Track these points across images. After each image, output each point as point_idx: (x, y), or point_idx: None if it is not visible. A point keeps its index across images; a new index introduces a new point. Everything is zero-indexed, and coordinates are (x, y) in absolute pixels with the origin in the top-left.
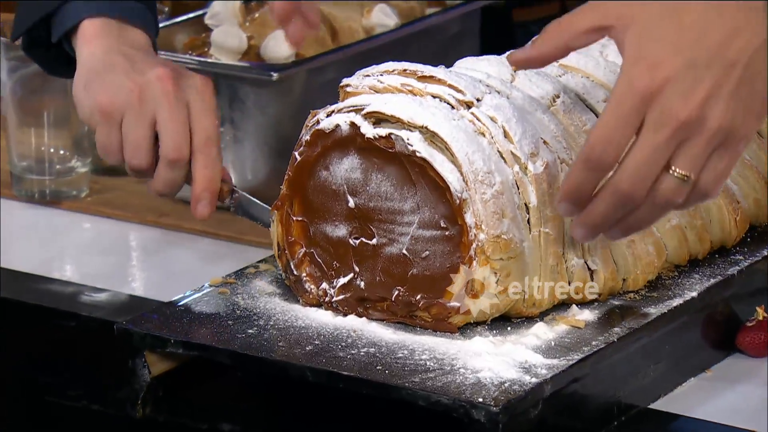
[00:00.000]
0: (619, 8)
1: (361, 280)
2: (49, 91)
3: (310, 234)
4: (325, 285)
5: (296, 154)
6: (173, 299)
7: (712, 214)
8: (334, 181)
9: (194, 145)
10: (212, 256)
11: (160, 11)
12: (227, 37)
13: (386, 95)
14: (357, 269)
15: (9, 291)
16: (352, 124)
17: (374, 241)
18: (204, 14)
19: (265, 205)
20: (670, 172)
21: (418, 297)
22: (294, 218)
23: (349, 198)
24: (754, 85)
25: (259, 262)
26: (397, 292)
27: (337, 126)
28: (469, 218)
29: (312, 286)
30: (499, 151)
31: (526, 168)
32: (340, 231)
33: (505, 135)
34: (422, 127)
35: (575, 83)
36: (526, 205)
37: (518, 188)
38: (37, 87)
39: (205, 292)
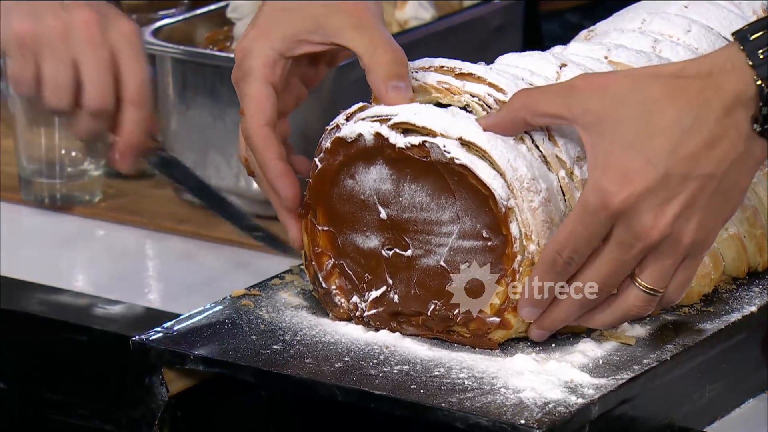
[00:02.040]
0: (587, 103)
1: (395, 293)
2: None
3: (338, 244)
4: (356, 298)
5: (317, 160)
6: (192, 312)
7: None
8: (362, 191)
9: (123, 95)
10: (234, 266)
11: (179, 3)
12: None
13: (413, 105)
14: (390, 282)
15: (17, 302)
16: (378, 135)
17: (409, 252)
18: (226, 7)
19: (193, 171)
20: (637, 284)
21: (456, 312)
22: (319, 228)
23: (381, 209)
24: (727, 196)
25: (284, 272)
26: (433, 306)
27: (360, 135)
28: (514, 228)
29: (342, 300)
30: (543, 155)
31: (572, 173)
32: (372, 242)
33: (550, 138)
34: (458, 138)
35: None
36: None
37: (564, 194)
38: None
39: (226, 304)
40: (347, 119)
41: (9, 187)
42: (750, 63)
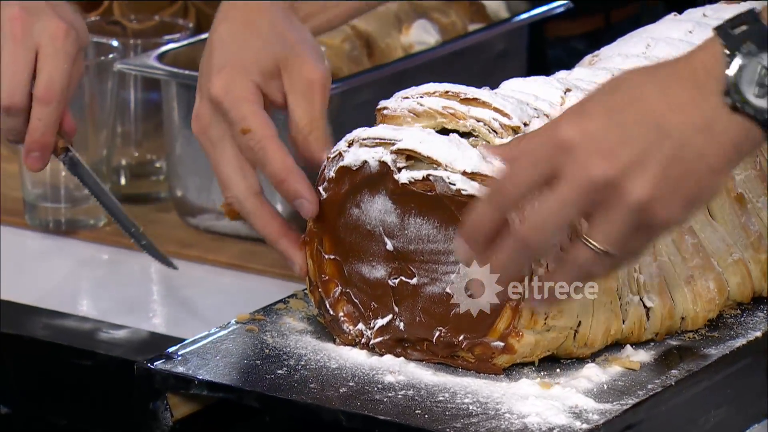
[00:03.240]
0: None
1: (401, 320)
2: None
3: (345, 273)
4: (361, 326)
5: (321, 190)
6: (197, 337)
7: None
8: (368, 221)
9: (33, 92)
10: (239, 291)
11: (183, 28)
12: None
13: (413, 130)
14: (396, 309)
15: (22, 327)
16: (382, 164)
17: (414, 280)
18: None
19: (94, 175)
20: (584, 240)
21: (461, 338)
22: (326, 256)
23: (387, 240)
24: (689, 167)
25: (288, 297)
26: (438, 333)
27: (365, 163)
28: None
29: (350, 327)
30: None
31: None
32: (378, 272)
33: None
34: (462, 171)
35: None
36: None
37: None
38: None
39: (231, 329)
40: (349, 146)
41: (13, 212)
42: (723, 42)
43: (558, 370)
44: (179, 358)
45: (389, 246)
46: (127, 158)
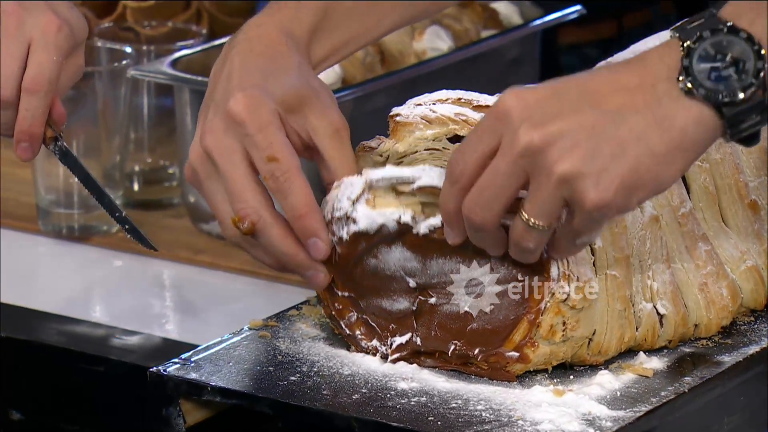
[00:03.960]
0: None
1: (417, 336)
2: (78, 119)
3: (360, 306)
4: (376, 342)
5: (335, 245)
6: (210, 343)
7: None
8: (387, 268)
9: (22, 83)
10: (252, 297)
11: (197, 34)
12: None
13: (431, 168)
14: (414, 326)
15: (34, 333)
16: (402, 224)
17: (432, 300)
18: None
19: (81, 163)
20: (519, 214)
21: (476, 351)
22: (340, 293)
23: (409, 279)
24: (625, 147)
25: (301, 303)
26: (453, 346)
27: (382, 226)
28: (554, 270)
29: (367, 343)
30: None
31: None
32: (401, 305)
33: None
34: None
35: None
36: (590, 246)
37: None
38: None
39: (244, 335)
40: (354, 202)
41: (27, 218)
42: (677, 35)
43: (571, 377)
44: (192, 364)
45: (412, 283)
46: (140, 164)
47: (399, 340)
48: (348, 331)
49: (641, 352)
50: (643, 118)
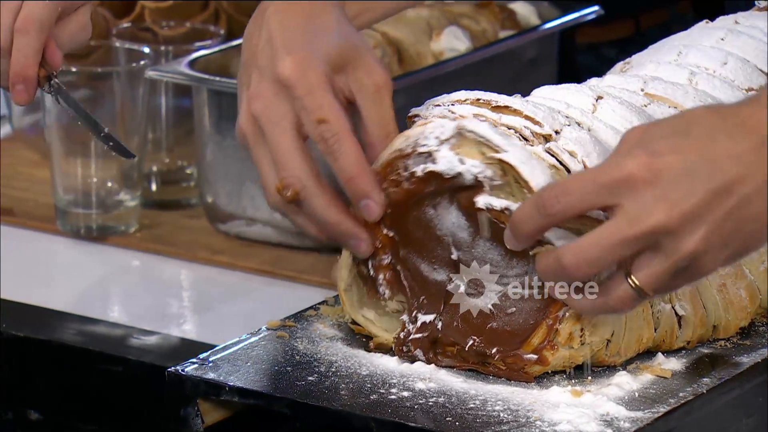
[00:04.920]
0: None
1: (440, 320)
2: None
3: (399, 254)
4: (397, 301)
5: (404, 181)
6: (228, 343)
7: None
8: (440, 227)
9: (14, 27)
10: (270, 297)
11: (215, 34)
12: None
13: (520, 146)
14: (441, 309)
15: (52, 332)
16: (477, 181)
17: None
18: None
19: (84, 109)
20: (629, 279)
21: (494, 350)
22: (384, 229)
23: (454, 251)
24: (744, 225)
25: (319, 304)
26: (471, 342)
27: (459, 174)
28: None
29: (386, 291)
30: None
31: None
32: (439, 276)
33: None
34: None
35: (661, 114)
36: None
37: None
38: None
39: (262, 335)
40: (441, 143)
41: (45, 218)
42: None
43: (589, 377)
44: (210, 364)
45: (455, 256)
46: (158, 164)
47: (423, 318)
48: (372, 272)
49: (659, 353)
50: (762, 197)
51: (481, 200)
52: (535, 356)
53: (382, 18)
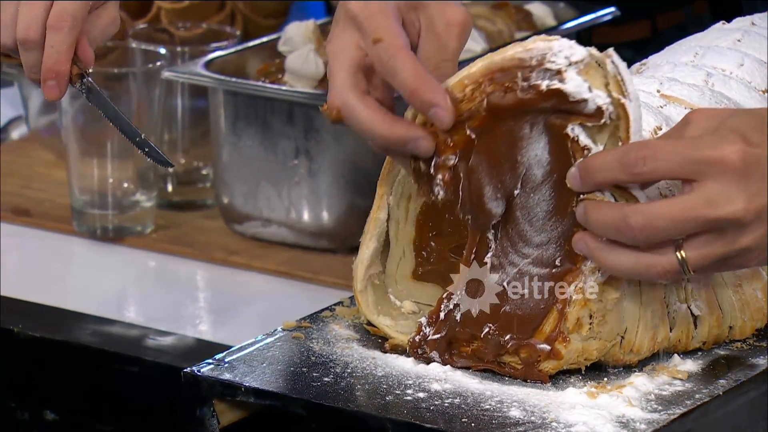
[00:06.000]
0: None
1: (459, 311)
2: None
3: (470, 159)
4: (423, 319)
5: (520, 89)
6: (244, 344)
7: None
8: (524, 151)
9: (46, 23)
10: (285, 298)
11: (231, 35)
12: (303, 63)
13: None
14: (461, 289)
15: (69, 333)
16: (598, 110)
17: (487, 258)
18: (277, 39)
19: (116, 108)
20: (678, 251)
21: (508, 337)
22: (468, 129)
23: (519, 186)
24: None
25: (335, 305)
26: (487, 329)
27: (583, 101)
28: (586, 264)
29: (441, 192)
30: None
31: None
32: (493, 207)
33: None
34: None
35: (678, 115)
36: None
37: None
38: (101, 114)
39: (277, 336)
40: (570, 65)
41: (61, 218)
42: None
43: (605, 379)
44: (226, 364)
45: (516, 192)
46: (174, 165)
47: (445, 309)
48: (432, 170)
49: (675, 355)
50: None
51: (574, 129)
52: (548, 347)
53: None
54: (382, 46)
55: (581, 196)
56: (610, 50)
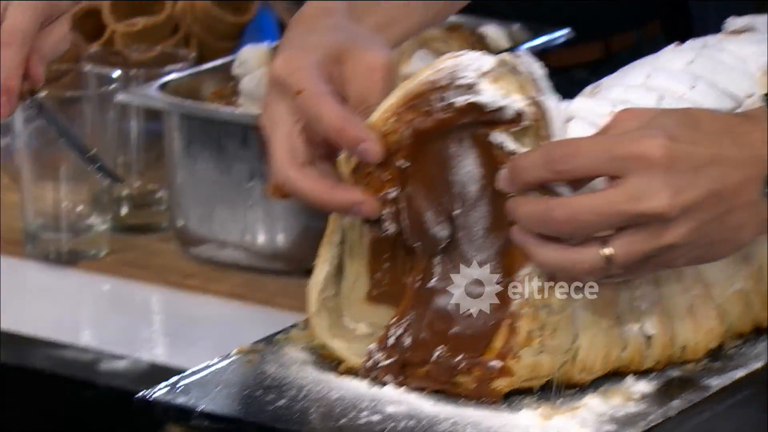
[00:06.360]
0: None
1: (409, 335)
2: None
3: (406, 191)
4: (373, 346)
5: (438, 111)
6: (198, 367)
7: None
8: (456, 171)
9: None
10: (240, 321)
11: (185, 58)
12: (257, 86)
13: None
14: (409, 315)
15: (22, 358)
16: (518, 114)
17: (432, 282)
18: (232, 62)
19: (65, 125)
20: (602, 248)
21: (459, 358)
22: (398, 161)
23: (457, 206)
24: (724, 234)
25: (289, 328)
26: (438, 353)
27: (502, 109)
28: (524, 270)
29: (391, 227)
30: None
31: None
32: (438, 231)
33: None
34: None
35: None
36: None
37: None
38: (54, 138)
39: (232, 359)
40: (482, 75)
41: (14, 242)
42: None
43: (559, 400)
44: (180, 389)
45: (456, 212)
46: (128, 189)
47: (394, 335)
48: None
49: (629, 376)
50: (748, 213)
51: (496, 137)
52: (499, 363)
53: (412, 32)
54: (304, 95)
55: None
56: (521, 51)
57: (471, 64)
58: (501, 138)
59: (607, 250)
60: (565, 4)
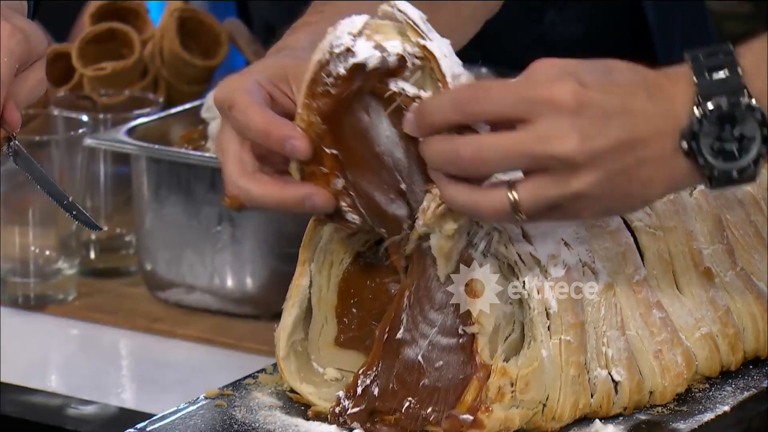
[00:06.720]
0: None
1: (377, 386)
2: (34, 187)
3: (348, 177)
4: (341, 394)
5: (329, 88)
6: (166, 412)
7: (745, 323)
8: (377, 141)
9: None
10: (208, 366)
11: (153, 102)
12: None
13: (444, 40)
14: (378, 366)
15: None
16: (401, 58)
17: (400, 334)
18: (200, 106)
19: (42, 170)
20: (510, 191)
21: (429, 410)
22: (326, 149)
23: (398, 177)
24: (632, 187)
25: (258, 372)
26: (408, 404)
27: (383, 59)
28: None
29: (354, 217)
30: (518, 253)
31: (546, 271)
32: (398, 209)
33: (524, 235)
34: None
35: None
36: (546, 310)
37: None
38: (22, 182)
39: (200, 404)
40: (355, 37)
41: None
42: (695, 81)
43: None
44: None
45: (403, 186)
46: (96, 233)
47: (362, 384)
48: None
49: (597, 420)
50: (654, 165)
51: (395, 84)
52: (471, 417)
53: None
54: (235, 109)
55: None
56: (395, 1)
57: (344, 29)
58: (401, 84)
59: (515, 194)
60: (533, 50)
